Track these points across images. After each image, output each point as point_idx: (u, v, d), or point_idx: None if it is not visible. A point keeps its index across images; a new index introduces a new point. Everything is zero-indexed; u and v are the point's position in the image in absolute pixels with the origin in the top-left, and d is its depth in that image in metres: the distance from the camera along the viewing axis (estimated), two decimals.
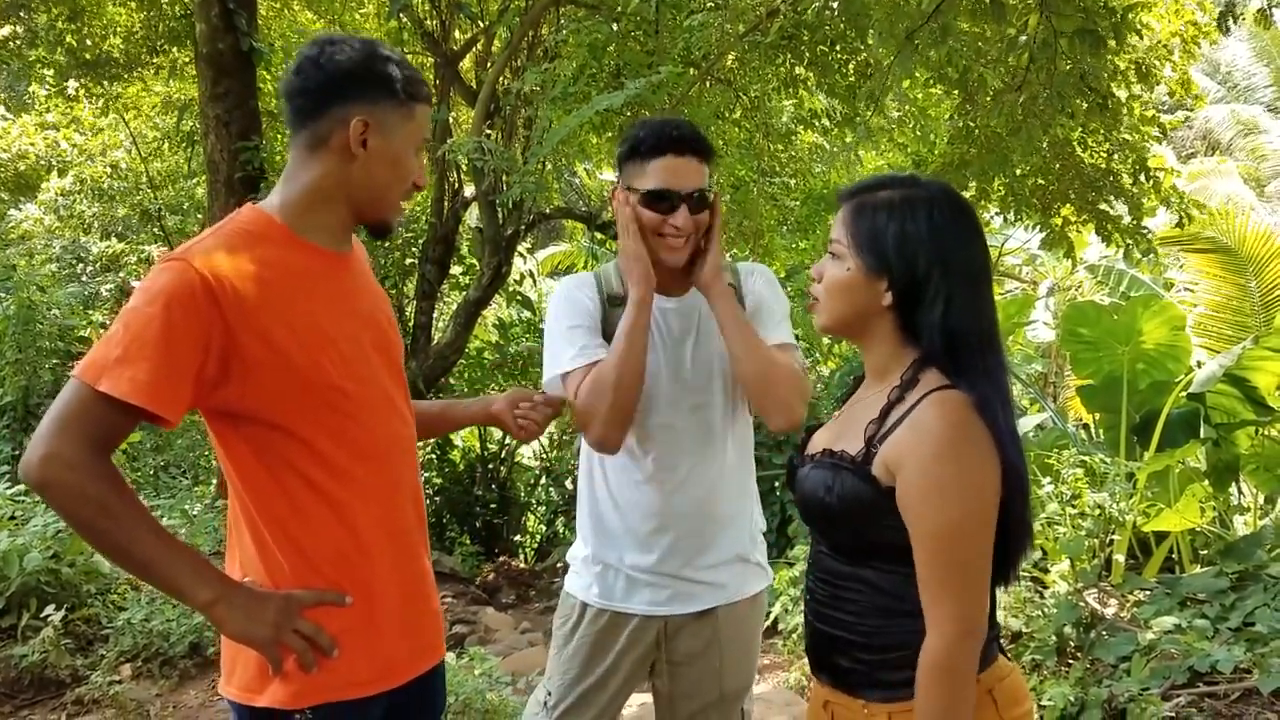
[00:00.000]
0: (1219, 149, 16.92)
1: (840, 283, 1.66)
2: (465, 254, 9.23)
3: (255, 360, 1.56)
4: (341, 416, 1.65)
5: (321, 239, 1.71)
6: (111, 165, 11.40)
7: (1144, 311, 5.86)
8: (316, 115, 1.66)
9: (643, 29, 6.14)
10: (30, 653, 4.21)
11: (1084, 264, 10.24)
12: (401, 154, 1.69)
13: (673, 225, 2.13)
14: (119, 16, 9.11)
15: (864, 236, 1.62)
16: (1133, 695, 3.58)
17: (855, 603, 1.65)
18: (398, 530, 1.74)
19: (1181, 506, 4.87)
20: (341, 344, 1.67)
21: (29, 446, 1.49)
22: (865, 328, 1.68)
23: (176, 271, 1.53)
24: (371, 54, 1.68)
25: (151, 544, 1.52)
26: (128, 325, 1.52)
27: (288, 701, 1.61)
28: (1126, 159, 6.69)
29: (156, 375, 1.48)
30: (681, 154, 2.14)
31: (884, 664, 1.61)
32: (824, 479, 1.63)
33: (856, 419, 1.67)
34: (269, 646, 1.57)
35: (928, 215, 1.60)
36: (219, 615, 1.56)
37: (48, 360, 7.99)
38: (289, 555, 1.63)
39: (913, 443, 1.55)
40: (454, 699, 3.92)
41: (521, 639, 6.31)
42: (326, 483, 1.64)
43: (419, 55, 8.74)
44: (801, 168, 9.25)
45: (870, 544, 1.62)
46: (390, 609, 1.70)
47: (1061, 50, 4.30)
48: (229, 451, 1.65)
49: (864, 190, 1.67)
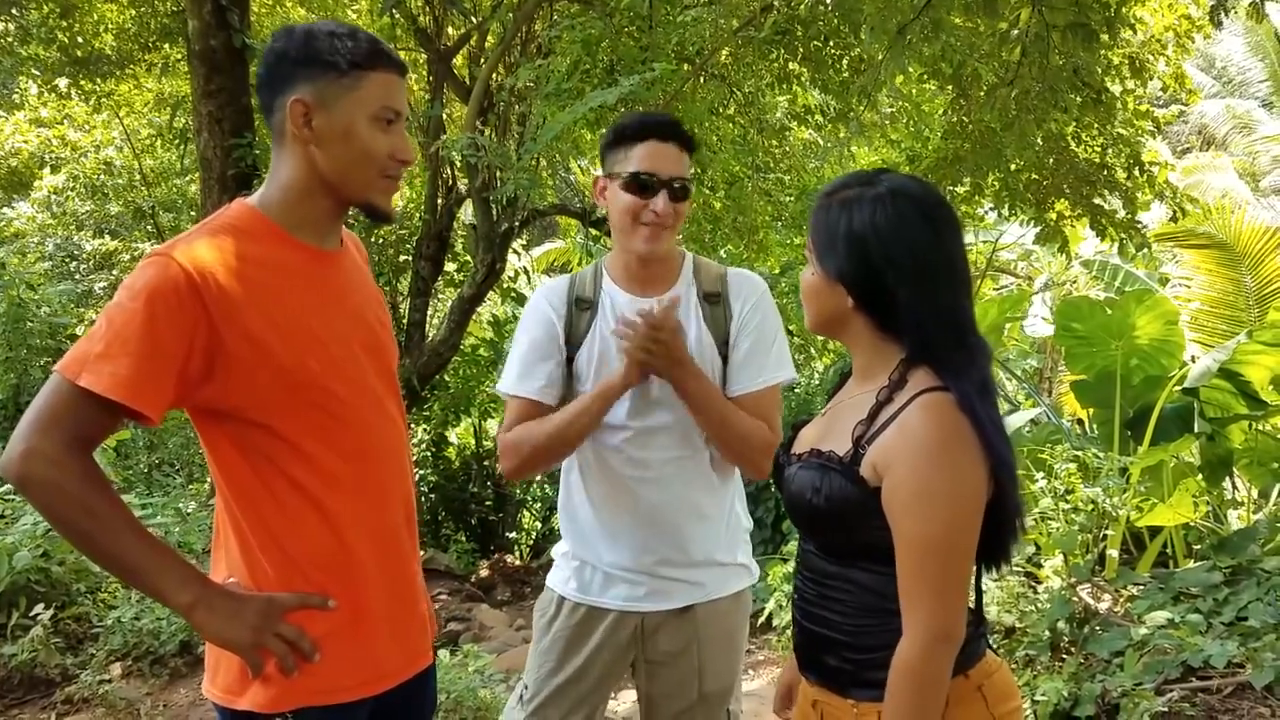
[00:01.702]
0: (1214, 144, 16.92)
1: (809, 287, 1.68)
2: (459, 251, 9.20)
3: (239, 358, 1.54)
4: (327, 417, 1.63)
5: (308, 235, 1.68)
6: (104, 162, 11.36)
7: (1137, 306, 5.86)
8: (270, 108, 1.65)
9: (636, 24, 6.12)
10: (20, 652, 4.19)
11: (1079, 259, 10.24)
12: (352, 127, 1.62)
13: (652, 210, 2.12)
14: (111, 13, 9.08)
15: (821, 240, 1.63)
16: (1126, 690, 3.58)
17: (843, 602, 1.64)
18: (386, 534, 1.71)
19: (1175, 501, 4.87)
20: (330, 344, 1.65)
21: (9, 442, 1.47)
22: (843, 329, 1.68)
23: (160, 267, 1.51)
24: (310, 33, 1.63)
25: (131, 543, 1.50)
26: (110, 321, 1.49)
27: (267, 705, 1.59)
28: (1121, 153, 6.70)
29: (138, 371, 1.46)
30: (665, 140, 2.15)
31: (872, 663, 1.59)
32: (812, 480, 1.62)
33: (844, 418, 1.66)
34: (248, 650, 1.55)
35: (873, 213, 1.58)
36: (198, 618, 1.53)
37: (39, 358, 7.96)
38: (272, 557, 1.61)
39: (901, 446, 1.54)
40: (446, 696, 3.91)
41: (516, 636, 6.30)
42: (312, 484, 1.61)
43: (412, 52, 8.71)
44: (795, 163, 9.23)
45: (858, 544, 1.61)
46: (376, 613, 1.68)
47: (1054, 44, 4.29)
48: (214, 451, 1.63)
49: (831, 190, 1.67)
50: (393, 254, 8.47)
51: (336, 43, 1.62)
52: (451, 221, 8.57)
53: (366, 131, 1.63)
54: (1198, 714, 3.51)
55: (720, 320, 2.23)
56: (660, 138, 2.14)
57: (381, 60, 1.64)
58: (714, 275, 2.28)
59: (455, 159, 7.50)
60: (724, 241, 8.39)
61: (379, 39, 1.68)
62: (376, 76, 1.64)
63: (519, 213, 8.01)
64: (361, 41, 1.64)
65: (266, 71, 1.64)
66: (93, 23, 9.02)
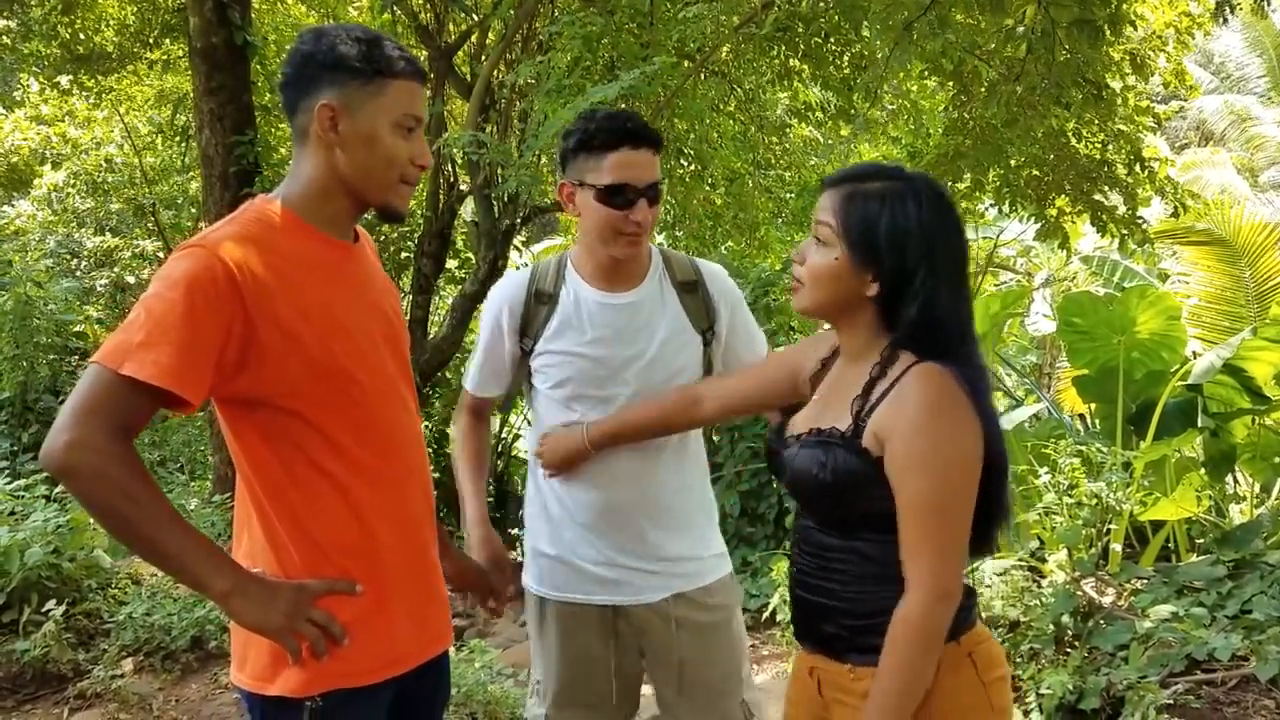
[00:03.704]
0: (1213, 139, 16.95)
1: (827, 270, 1.68)
2: (461, 248, 9.22)
3: (272, 347, 1.57)
4: (353, 405, 1.66)
5: (330, 230, 1.72)
6: (105, 159, 11.36)
7: (1139, 301, 5.86)
8: (295, 108, 1.68)
9: (637, 21, 6.14)
10: (32, 647, 4.20)
11: (1079, 255, 10.26)
12: (375, 133, 1.66)
13: (634, 221, 2.10)
14: (112, 9, 9.08)
15: (855, 226, 1.64)
16: (1131, 683, 3.60)
17: (844, 572, 1.69)
18: (408, 520, 1.75)
19: (1178, 495, 4.90)
20: (354, 334, 1.69)
21: (50, 434, 1.48)
22: (846, 314, 1.71)
23: (198, 258, 1.55)
24: (336, 37, 1.66)
25: (171, 532, 1.53)
26: (150, 310, 1.52)
27: (299, 689, 1.62)
28: (1121, 149, 6.71)
29: (180, 358, 1.49)
30: (637, 146, 2.09)
31: (869, 629, 1.64)
32: (816, 456, 1.67)
33: (837, 398, 1.72)
34: (284, 635, 1.58)
35: (917, 209, 1.63)
36: (235, 606, 1.56)
37: (45, 355, 7.98)
38: (300, 544, 1.64)
39: (899, 413, 1.61)
40: (457, 690, 3.93)
41: (520, 632, 6.31)
42: (338, 470, 1.65)
43: (413, 49, 8.71)
44: (796, 160, 9.26)
45: (862, 515, 1.66)
46: (400, 597, 1.72)
47: (1059, 41, 4.31)
48: (240, 440, 1.65)
49: (854, 178, 1.69)
50: (395, 251, 8.49)
51: (359, 48, 1.65)
52: (453, 219, 8.59)
53: (389, 138, 1.67)
54: (1202, 707, 3.54)
55: (699, 308, 2.25)
56: (633, 144, 2.08)
57: (406, 68, 1.68)
58: (685, 265, 2.31)
59: (457, 156, 7.52)
60: (724, 238, 8.40)
61: (404, 47, 1.72)
62: (400, 84, 1.67)
63: (520, 209, 8.02)
64: (387, 49, 1.67)
65: (294, 72, 1.67)
66: (94, 19, 9.02)
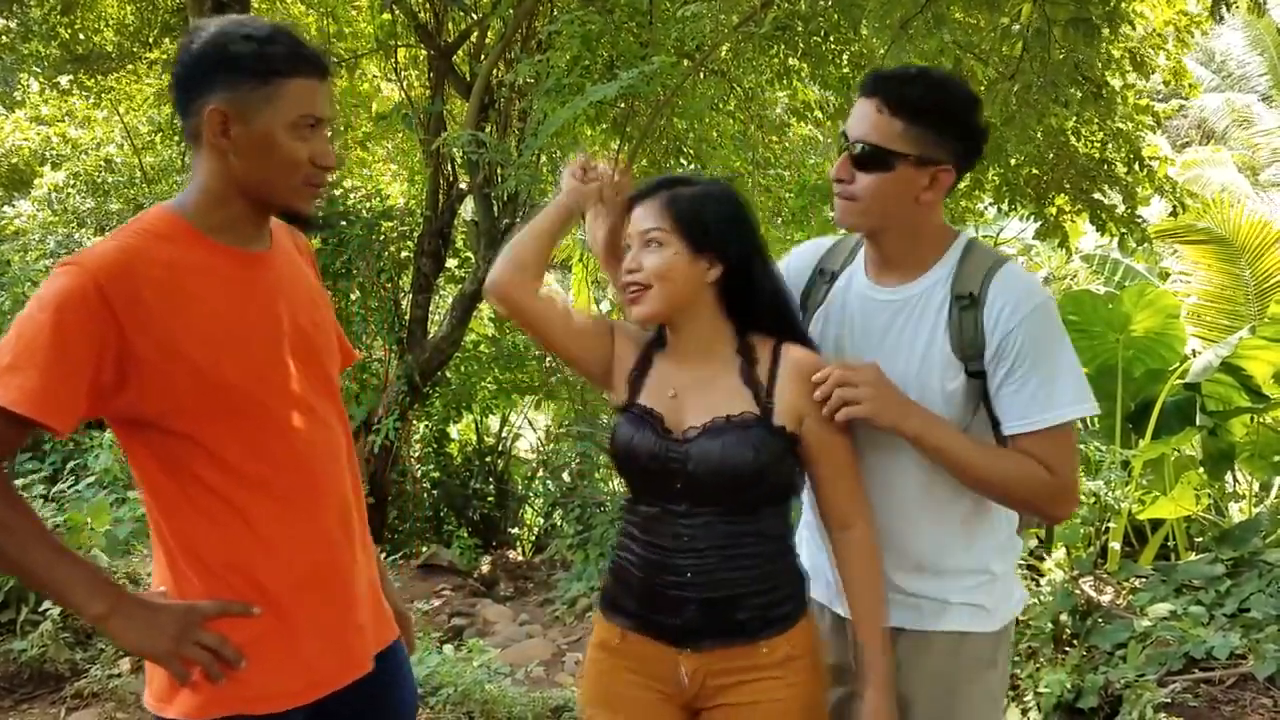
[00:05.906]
0: (1213, 138, 16.93)
1: (670, 265, 1.79)
2: (460, 247, 9.21)
3: (153, 365, 1.51)
4: (248, 422, 1.60)
5: (230, 238, 1.63)
6: (105, 159, 11.36)
7: (1138, 300, 5.86)
8: (185, 110, 1.59)
9: (636, 20, 6.13)
10: (29, 647, 4.20)
11: (1079, 253, 10.25)
12: (271, 137, 1.56)
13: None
14: (111, 9, 9.08)
15: (684, 219, 1.79)
16: (1129, 681, 3.60)
17: (753, 554, 1.79)
18: (317, 540, 1.68)
19: (1177, 494, 4.89)
20: (252, 347, 1.62)
21: None
22: (690, 308, 1.83)
23: (71, 276, 1.48)
24: (228, 35, 1.56)
25: (43, 555, 1.48)
26: (20, 334, 1.46)
27: (194, 713, 1.58)
28: (1121, 148, 6.70)
29: (47, 383, 1.43)
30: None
31: (775, 602, 1.80)
32: (746, 439, 1.76)
33: (714, 390, 1.82)
34: (169, 659, 1.54)
35: (733, 203, 1.85)
36: (115, 628, 1.51)
37: None
38: (194, 566, 1.59)
39: (806, 387, 1.78)
40: (454, 689, 3.94)
41: (520, 631, 6.33)
42: (233, 491, 1.58)
43: (413, 48, 8.71)
44: (795, 160, 9.24)
45: (769, 490, 1.80)
46: (308, 621, 1.65)
47: (1055, 39, 4.30)
48: (135, 460, 1.60)
49: (663, 187, 1.84)
50: (394, 250, 8.48)
51: (256, 47, 1.55)
52: (453, 218, 8.58)
53: (287, 141, 1.58)
54: (1200, 705, 3.54)
55: (969, 331, 1.79)
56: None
57: (301, 65, 1.58)
58: (981, 269, 1.82)
59: (456, 155, 7.51)
60: None
61: (301, 41, 1.62)
62: (296, 83, 1.58)
63: (520, 209, 8.01)
64: (281, 46, 1.57)
65: (183, 71, 1.58)
66: (94, 19, 9.03)
